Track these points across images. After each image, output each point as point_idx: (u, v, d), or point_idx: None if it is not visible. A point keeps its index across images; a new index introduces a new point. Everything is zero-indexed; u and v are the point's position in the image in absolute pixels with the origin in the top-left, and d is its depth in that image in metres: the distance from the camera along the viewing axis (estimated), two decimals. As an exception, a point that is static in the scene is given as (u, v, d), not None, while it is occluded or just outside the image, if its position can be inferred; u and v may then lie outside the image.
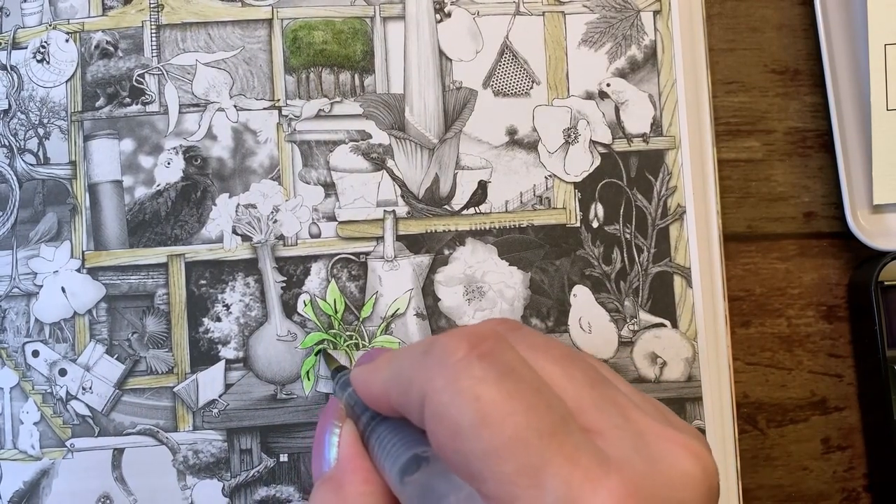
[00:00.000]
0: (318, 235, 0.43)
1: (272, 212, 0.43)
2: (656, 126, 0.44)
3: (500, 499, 0.24)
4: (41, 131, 0.43)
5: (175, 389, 0.42)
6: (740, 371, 0.46)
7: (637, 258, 0.44)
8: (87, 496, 0.41)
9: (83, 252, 0.42)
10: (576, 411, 0.25)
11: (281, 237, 0.43)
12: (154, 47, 0.43)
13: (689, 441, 0.25)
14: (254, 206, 0.43)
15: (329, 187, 0.43)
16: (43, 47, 0.43)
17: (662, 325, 0.43)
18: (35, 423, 0.41)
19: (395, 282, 0.43)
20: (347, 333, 0.42)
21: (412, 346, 0.29)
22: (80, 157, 0.42)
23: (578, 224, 0.44)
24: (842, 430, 0.46)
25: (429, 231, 0.43)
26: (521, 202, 0.44)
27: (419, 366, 0.27)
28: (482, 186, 0.44)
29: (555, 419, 0.24)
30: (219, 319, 0.42)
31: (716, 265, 0.43)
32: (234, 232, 0.43)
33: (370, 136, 0.43)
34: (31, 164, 0.42)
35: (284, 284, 0.42)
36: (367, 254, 0.43)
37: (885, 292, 0.44)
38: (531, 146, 0.44)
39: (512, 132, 0.44)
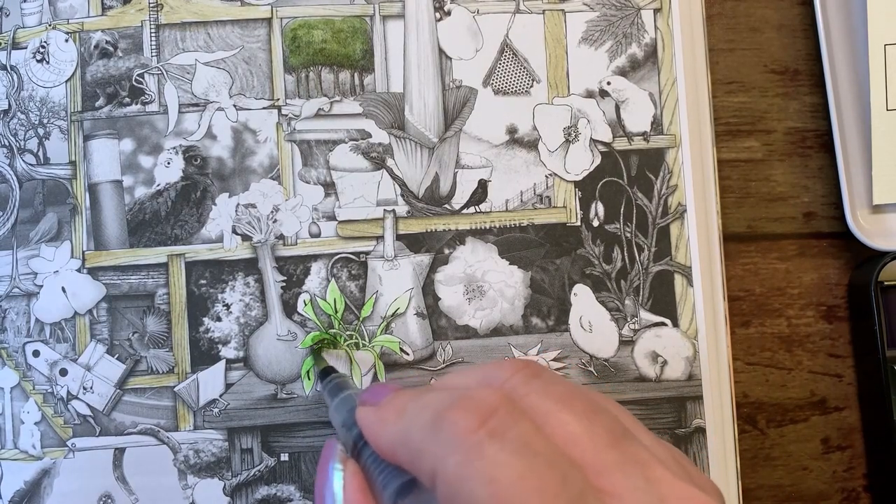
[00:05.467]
0: (318, 235, 0.43)
1: (272, 211, 0.43)
2: (657, 124, 0.44)
3: None
4: (41, 131, 0.42)
5: (176, 389, 0.42)
6: (740, 371, 0.46)
7: (637, 257, 0.43)
8: (89, 496, 0.41)
9: (83, 252, 0.42)
10: (597, 472, 0.25)
11: (281, 237, 0.43)
12: (153, 47, 0.43)
13: (709, 500, 0.25)
14: (254, 206, 0.43)
15: (329, 187, 0.43)
16: (43, 47, 0.43)
17: (663, 323, 0.43)
18: (36, 423, 0.42)
19: (395, 281, 0.43)
20: (347, 333, 0.42)
21: (420, 408, 0.28)
22: (80, 157, 0.42)
23: (579, 223, 0.44)
24: (842, 430, 0.46)
25: (429, 230, 0.43)
26: (522, 201, 0.44)
27: (429, 440, 0.26)
28: (482, 185, 0.44)
29: (571, 496, 0.24)
30: (219, 319, 0.42)
31: (716, 265, 0.43)
32: (234, 231, 0.42)
33: (370, 136, 0.43)
34: (31, 164, 0.42)
35: (284, 284, 0.42)
36: (367, 253, 0.43)
37: (884, 292, 0.44)
38: (531, 145, 0.44)
39: (512, 131, 0.44)
